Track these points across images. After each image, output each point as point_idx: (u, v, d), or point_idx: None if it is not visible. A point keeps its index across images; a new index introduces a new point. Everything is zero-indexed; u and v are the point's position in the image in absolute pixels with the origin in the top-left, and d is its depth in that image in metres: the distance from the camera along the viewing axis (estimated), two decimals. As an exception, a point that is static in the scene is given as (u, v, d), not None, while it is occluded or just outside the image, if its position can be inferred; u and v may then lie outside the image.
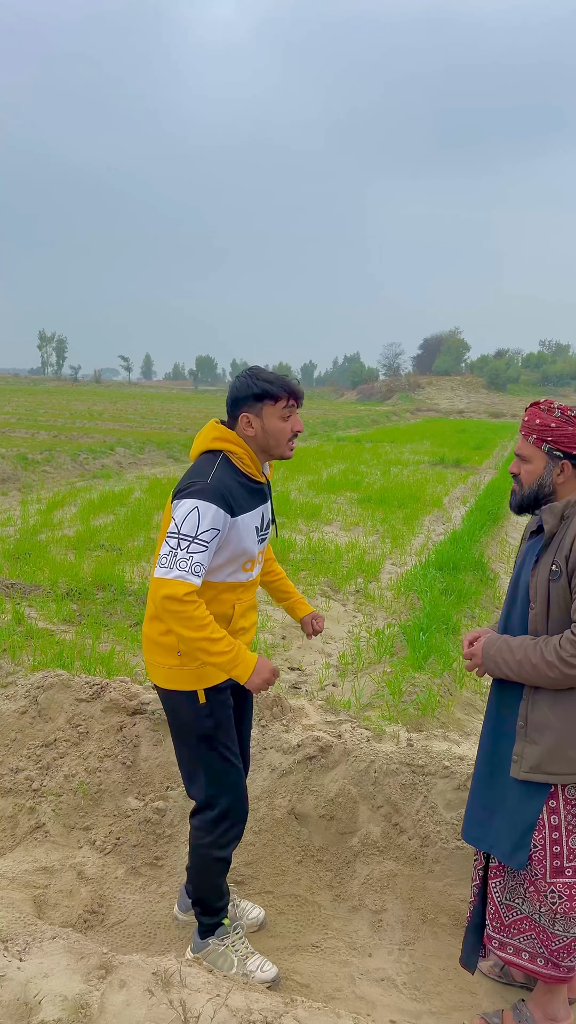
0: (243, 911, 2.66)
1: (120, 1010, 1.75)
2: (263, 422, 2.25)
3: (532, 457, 2.15)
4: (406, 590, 6.20)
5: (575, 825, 2.10)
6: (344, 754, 3.12)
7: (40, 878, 2.87)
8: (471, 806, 2.27)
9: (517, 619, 2.20)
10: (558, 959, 2.16)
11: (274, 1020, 1.76)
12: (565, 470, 2.13)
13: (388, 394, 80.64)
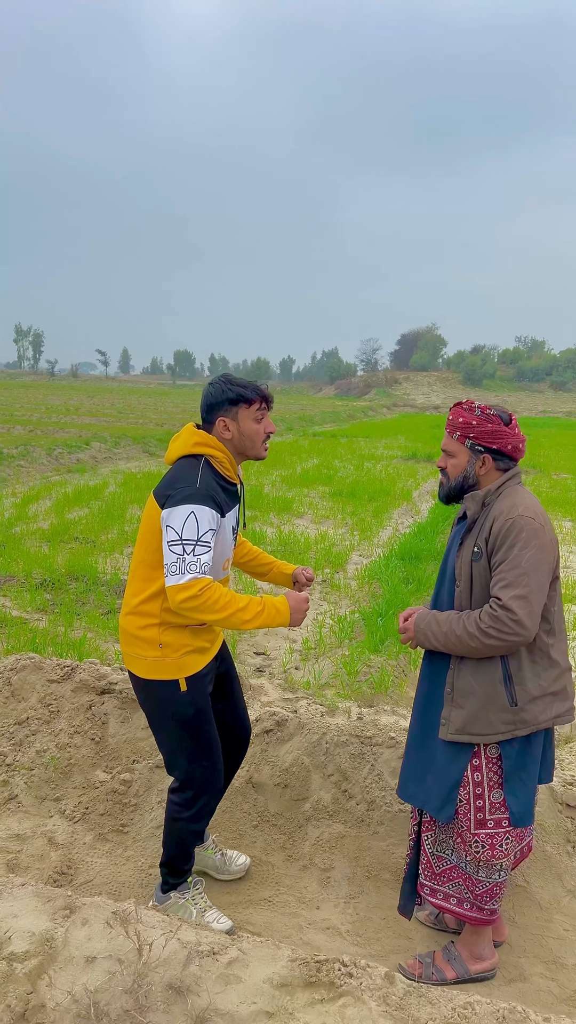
0: (231, 859, 2.89)
1: (82, 943, 1.96)
2: (239, 425, 2.41)
3: (457, 452, 2.38)
4: (369, 579, 6.44)
5: (496, 781, 2.34)
6: (299, 727, 3.35)
7: (13, 844, 3.07)
8: (405, 767, 2.51)
9: (445, 597, 2.44)
10: (482, 903, 2.40)
11: (220, 951, 1.98)
12: (486, 463, 2.36)
13: (365, 389, 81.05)
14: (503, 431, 2.33)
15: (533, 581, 2.20)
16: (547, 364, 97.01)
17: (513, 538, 2.22)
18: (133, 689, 2.60)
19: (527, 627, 2.18)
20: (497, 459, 2.36)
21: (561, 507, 11.16)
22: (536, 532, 2.23)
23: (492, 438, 2.32)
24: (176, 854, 2.61)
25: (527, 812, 2.35)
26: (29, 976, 1.86)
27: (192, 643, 2.45)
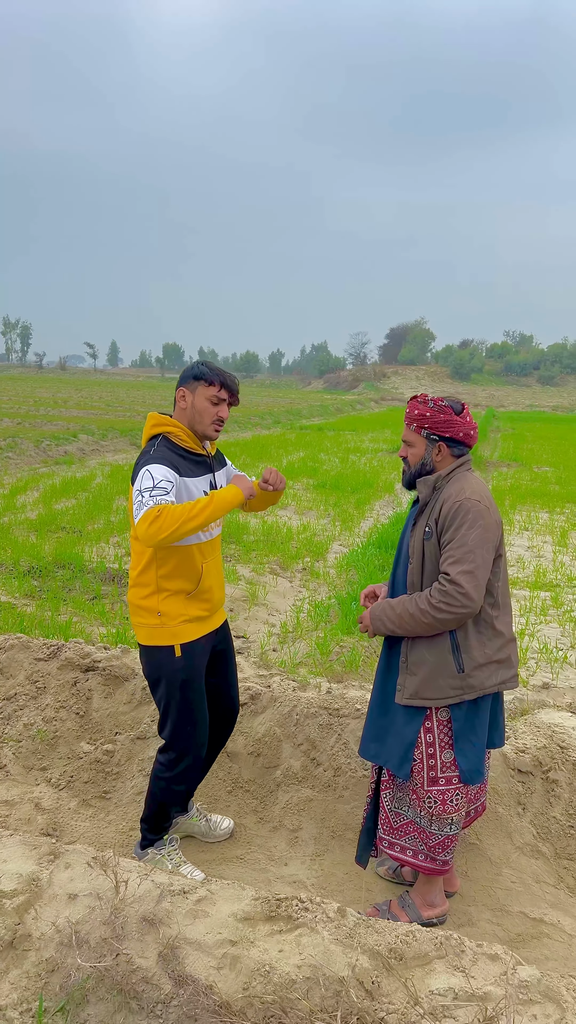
0: (216, 823, 3.11)
1: (65, 883, 2.18)
2: (193, 398, 2.62)
3: (415, 442, 2.60)
4: (347, 567, 6.66)
5: (447, 742, 2.57)
6: (271, 701, 3.57)
7: (1, 809, 3.27)
8: (367, 729, 2.73)
9: (401, 575, 2.66)
10: (435, 854, 2.63)
11: (190, 890, 2.20)
12: (442, 450, 2.58)
13: (354, 383, 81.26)
14: (454, 420, 2.54)
15: (479, 557, 2.42)
16: (535, 358, 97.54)
17: (460, 519, 2.44)
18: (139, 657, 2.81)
19: (474, 599, 2.39)
20: (451, 446, 2.58)
21: (539, 499, 11.42)
22: (481, 513, 2.45)
23: (445, 427, 2.54)
24: (156, 811, 2.83)
25: (476, 770, 2.57)
26: (17, 910, 2.07)
27: (188, 612, 2.66)
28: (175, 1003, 1.90)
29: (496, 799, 3.15)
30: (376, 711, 2.71)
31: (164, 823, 2.88)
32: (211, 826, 3.11)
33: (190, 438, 2.66)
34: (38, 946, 2.01)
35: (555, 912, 2.78)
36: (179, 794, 2.84)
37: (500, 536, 2.53)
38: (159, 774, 2.80)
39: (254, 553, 7.41)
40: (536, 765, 3.23)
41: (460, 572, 2.40)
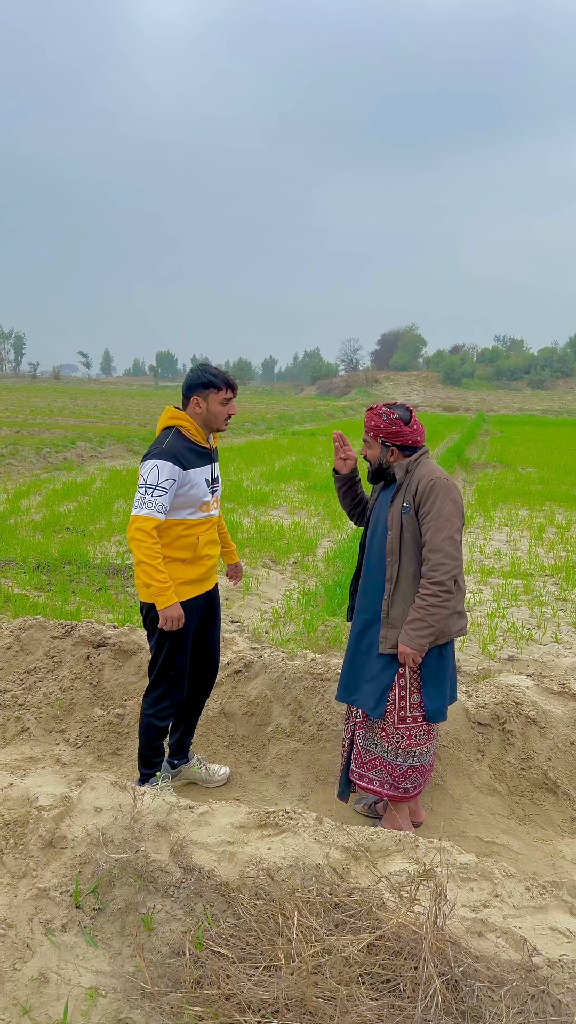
0: (214, 771, 3.57)
1: (91, 800, 2.64)
2: (207, 404, 3.13)
3: (373, 446, 3.14)
4: (334, 559, 7.14)
5: (415, 687, 3.04)
6: (263, 668, 4.04)
7: (27, 764, 3.73)
8: (344, 676, 3.20)
9: (378, 545, 3.13)
10: (399, 783, 3.10)
11: (194, 807, 2.67)
12: (394, 453, 3.09)
13: (346, 389, 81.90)
14: (403, 431, 3.06)
15: (454, 524, 2.94)
16: (525, 363, 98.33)
17: (435, 493, 2.96)
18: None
19: (458, 559, 2.93)
20: (401, 451, 3.10)
21: (520, 497, 11.92)
22: (451, 488, 2.98)
23: (396, 437, 3.06)
24: (144, 744, 3.30)
25: (439, 710, 3.05)
26: (54, 819, 2.53)
27: (184, 575, 3.15)
28: (184, 885, 2.36)
29: (458, 747, 3.63)
30: (352, 661, 3.19)
31: (154, 758, 3.34)
32: (210, 773, 3.58)
33: (199, 433, 3.16)
34: (72, 845, 2.47)
35: (506, 836, 3.26)
36: (161, 729, 3.31)
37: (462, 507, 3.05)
38: (145, 711, 3.28)
39: (248, 549, 7.88)
40: (494, 718, 3.71)
41: (443, 538, 2.91)
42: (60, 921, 2.23)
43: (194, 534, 3.16)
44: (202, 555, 3.20)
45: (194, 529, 3.16)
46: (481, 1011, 1.89)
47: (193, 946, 2.12)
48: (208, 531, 3.24)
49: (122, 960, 2.17)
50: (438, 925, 2.02)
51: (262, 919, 2.20)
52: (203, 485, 3.16)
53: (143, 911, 2.28)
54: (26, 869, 2.38)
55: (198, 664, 3.41)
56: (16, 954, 2.12)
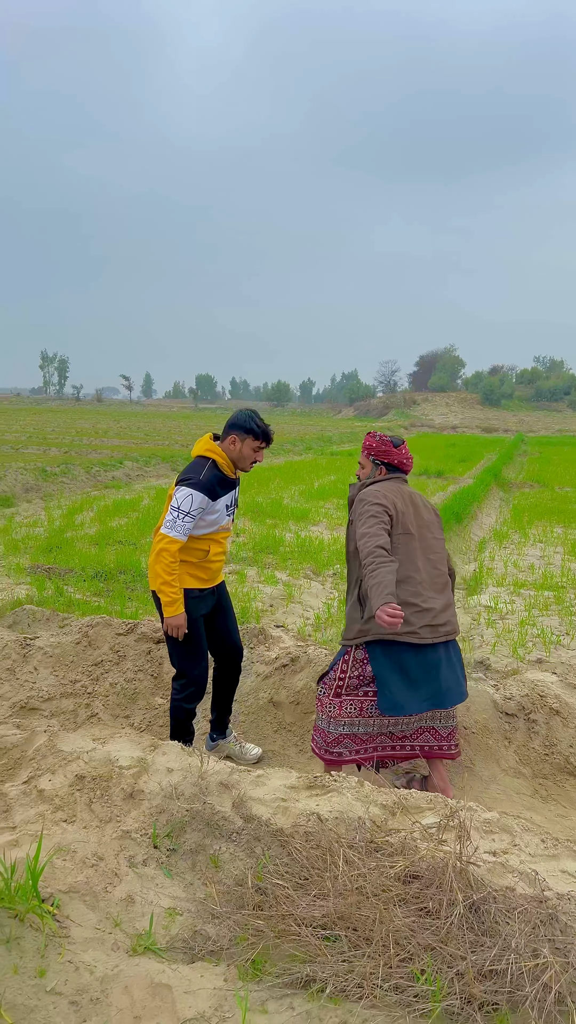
0: (247, 749, 4.00)
1: (164, 762, 3.06)
2: (242, 446, 3.58)
3: (365, 464, 3.66)
4: (373, 571, 7.52)
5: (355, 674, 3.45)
6: (308, 662, 4.44)
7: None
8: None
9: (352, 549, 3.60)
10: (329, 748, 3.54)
11: (252, 770, 3.08)
12: (382, 470, 3.61)
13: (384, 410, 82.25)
14: (392, 451, 3.59)
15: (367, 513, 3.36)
16: (565, 383, 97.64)
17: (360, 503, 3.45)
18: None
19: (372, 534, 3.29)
20: (388, 469, 3.61)
21: (556, 515, 12.16)
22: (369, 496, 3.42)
23: (385, 456, 3.59)
24: (175, 726, 3.76)
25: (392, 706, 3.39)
26: (133, 776, 2.96)
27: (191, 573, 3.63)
28: (245, 832, 2.76)
29: (487, 734, 3.98)
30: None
31: (184, 737, 3.78)
32: (244, 751, 3.99)
33: (229, 468, 3.61)
34: (148, 797, 2.89)
35: (529, 812, 3.59)
36: (189, 711, 3.74)
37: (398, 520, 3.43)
38: (174, 696, 3.73)
39: (290, 561, 8.30)
40: (520, 709, 4.06)
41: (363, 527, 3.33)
42: (141, 857, 2.65)
43: (206, 545, 3.64)
44: (210, 560, 3.67)
45: (206, 542, 3.64)
46: (497, 929, 2.26)
47: (254, 878, 2.52)
48: (219, 543, 3.70)
49: (194, 889, 2.58)
50: (462, 858, 2.39)
51: (312, 858, 2.60)
52: (223, 511, 3.63)
53: (210, 852, 2.69)
54: (111, 815, 2.81)
55: (219, 650, 3.87)
56: (107, 880, 2.53)
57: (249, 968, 2.26)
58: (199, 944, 2.35)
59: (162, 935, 2.36)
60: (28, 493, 12.83)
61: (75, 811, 2.80)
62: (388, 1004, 2.07)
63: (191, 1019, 2.05)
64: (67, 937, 2.25)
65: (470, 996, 2.07)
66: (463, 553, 9.21)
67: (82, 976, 2.13)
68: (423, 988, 2.08)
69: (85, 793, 2.87)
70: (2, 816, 2.80)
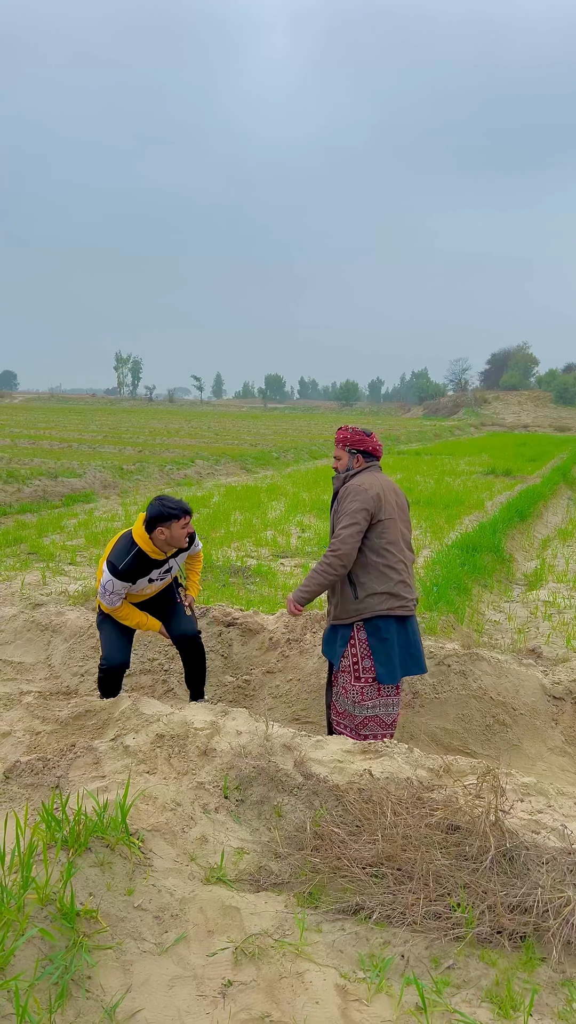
0: None
1: (233, 726, 3.43)
2: (171, 532, 3.94)
3: (342, 456, 3.92)
4: (433, 565, 7.75)
5: (366, 653, 3.74)
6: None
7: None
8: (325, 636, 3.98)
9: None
10: (359, 731, 3.79)
11: (311, 736, 3.41)
12: (359, 459, 3.88)
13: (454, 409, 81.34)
14: (365, 439, 3.91)
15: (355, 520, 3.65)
16: None
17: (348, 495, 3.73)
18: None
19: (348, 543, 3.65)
20: (364, 456, 3.90)
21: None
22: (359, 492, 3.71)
23: (359, 444, 3.88)
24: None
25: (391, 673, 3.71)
26: (206, 736, 3.34)
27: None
28: (305, 787, 3.10)
29: (535, 715, 4.21)
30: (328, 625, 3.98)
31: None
32: None
33: (156, 552, 4.00)
34: (220, 755, 3.26)
35: (572, 788, 3.81)
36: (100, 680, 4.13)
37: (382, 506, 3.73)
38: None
39: (354, 556, 8.60)
40: (567, 693, 4.27)
41: (343, 526, 3.66)
42: (213, 805, 3.01)
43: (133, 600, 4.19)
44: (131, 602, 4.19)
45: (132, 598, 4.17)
46: (527, 873, 2.53)
47: (312, 825, 2.86)
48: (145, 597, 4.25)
49: (259, 834, 2.93)
50: (496, 810, 2.67)
51: (363, 810, 2.91)
52: (143, 583, 4.06)
53: (274, 803, 3.04)
54: (187, 768, 3.19)
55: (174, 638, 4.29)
56: (184, 822, 2.91)
57: (306, 898, 2.60)
58: (263, 877, 2.70)
59: (231, 869, 2.72)
60: (106, 490, 13.50)
61: (156, 764, 3.19)
62: (426, 929, 2.38)
63: (256, 934, 2.40)
64: (150, 866, 2.63)
65: (500, 926, 2.36)
66: (525, 550, 9.32)
67: (163, 897, 2.50)
68: (458, 916, 2.38)
69: (164, 749, 3.26)
70: (93, 767, 3.22)
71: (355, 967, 2.30)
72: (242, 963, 2.32)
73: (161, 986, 2.21)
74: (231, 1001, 2.18)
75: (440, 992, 2.19)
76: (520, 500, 11.63)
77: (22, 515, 11.23)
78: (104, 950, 2.26)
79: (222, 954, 2.34)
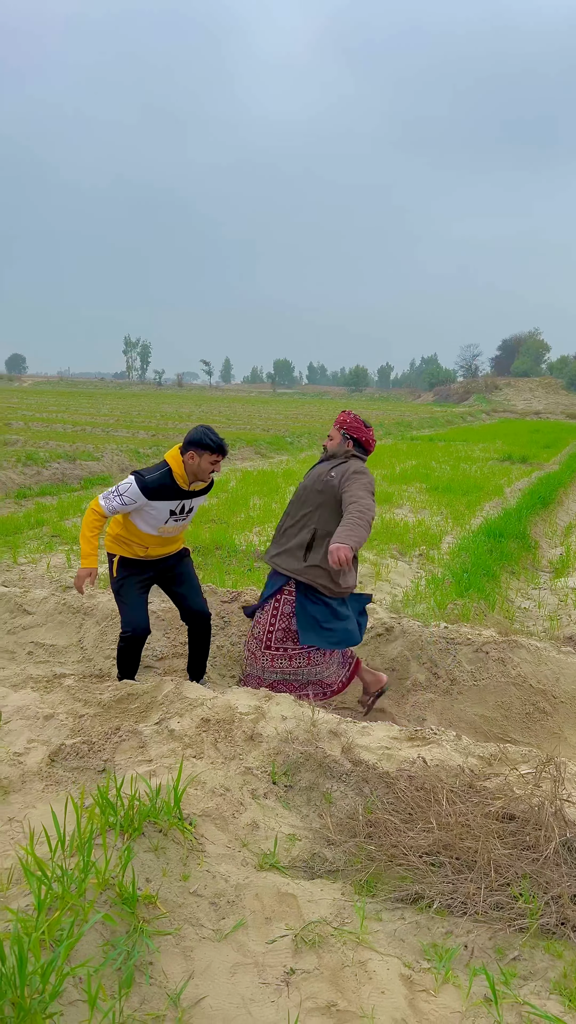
0: None
1: (278, 710, 3.39)
2: (200, 461, 3.86)
3: (335, 436, 4.04)
4: (459, 551, 7.70)
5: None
6: (402, 632, 4.70)
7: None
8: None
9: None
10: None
11: (357, 723, 3.37)
12: (350, 445, 4.00)
13: (465, 396, 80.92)
14: (362, 429, 4.04)
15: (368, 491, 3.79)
16: None
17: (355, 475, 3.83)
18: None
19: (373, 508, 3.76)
20: (355, 445, 4.02)
21: None
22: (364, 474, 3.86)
23: (356, 431, 4.01)
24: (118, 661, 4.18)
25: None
26: (252, 721, 3.30)
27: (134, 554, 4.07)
28: (354, 774, 3.07)
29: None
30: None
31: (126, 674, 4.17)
32: None
33: (183, 479, 3.92)
34: (266, 740, 3.22)
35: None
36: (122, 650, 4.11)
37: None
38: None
39: (376, 542, 8.54)
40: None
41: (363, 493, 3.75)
42: (262, 791, 2.98)
43: (146, 543, 4.03)
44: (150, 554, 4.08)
45: (146, 538, 4.02)
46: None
47: (365, 812, 2.82)
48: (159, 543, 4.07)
49: (310, 820, 2.90)
50: (557, 799, 2.62)
51: (416, 798, 2.88)
52: (166, 515, 3.95)
53: (323, 789, 3.00)
54: (234, 753, 3.15)
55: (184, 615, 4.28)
56: (233, 808, 2.87)
57: (363, 886, 2.57)
58: (317, 864, 2.67)
59: (284, 856, 2.68)
60: (123, 473, 13.45)
61: (202, 749, 3.16)
62: (489, 919, 2.34)
63: (315, 921, 2.36)
64: (203, 851, 2.60)
65: (565, 917, 2.32)
66: (549, 537, 9.25)
67: (218, 883, 2.47)
68: (521, 906, 2.34)
69: (210, 734, 3.23)
70: (139, 751, 3.19)
71: (418, 957, 2.27)
72: (302, 951, 2.28)
73: (223, 973, 2.19)
74: (295, 989, 2.15)
75: (508, 983, 2.16)
76: (541, 486, 11.54)
77: (42, 498, 11.21)
78: (164, 936, 2.24)
79: (281, 941, 2.31)
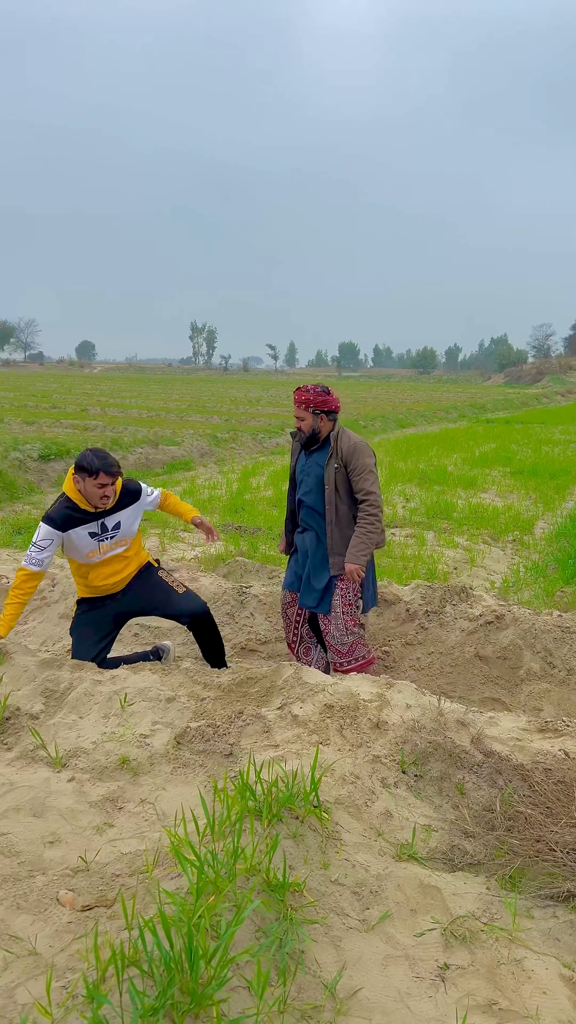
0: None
1: (400, 699, 3.33)
2: (84, 484, 3.66)
3: (305, 417, 3.91)
4: (557, 537, 7.48)
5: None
6: (512, 620, 4.57)
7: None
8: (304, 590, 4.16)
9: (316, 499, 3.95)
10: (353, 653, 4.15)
11: (484, 712, 3.28)
12: (323, 419, 3.90)
13: (537, 376, 78.77)
14: (328, 399, 3.94)
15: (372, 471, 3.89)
16: None
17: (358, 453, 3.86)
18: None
19: (379, 493, 3.88)
20: (327, 415, 3.93)
21: None
22: (364, 448, 3.89)
23: (322, 404, 3.90)
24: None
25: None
26: (376, 708, 3.25)
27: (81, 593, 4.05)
28: (486, 765, 2.99)
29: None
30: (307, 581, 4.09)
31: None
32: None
33: (84, 503, 3.73)
34: (392, 728, 3.17)
35: None
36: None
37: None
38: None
39: (466, 527, 8.38)
40: None
41: (368, 483, 3.85)
42: (392, 779, 2.93)
43: (86, 571, 3.89)
44: (95, 585, 3.93)
45: (85, 567, 3.88)
46: None
47: (503, 805, 2.74)
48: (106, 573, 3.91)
49: (443, 811, 2.83)
50: None
51: (555, 791, 2.78)
52: (85, 537, 3.76)
53: (455, 780, 2.93)
54: (361, 741, 3.11)
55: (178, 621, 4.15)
56: (365, 796, 2.83)
57: (508, 881, 2.49)
58: (457, 857, 2.61)
59: (421, 846, 2.63)
60: (204, 457, 13.59)
61: (328, 735, 3.13)
62: None
63: (463, 916, 2.30)
64: (339, 840, 2.56)
65: None
66: None
67: (358, 872, 2.43)
68: None
69: (335, 720, 3.20)
70: (264, 735, 3.18)
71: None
72: (453, 946, 2.23)
73: (375, 965, 2.15)
74: (451, 985, 2.10)
75: None
76: None
77: (126, 482, 11.40)
78: (312, 924, 2.21)
79: (430, 935, 2.26)
